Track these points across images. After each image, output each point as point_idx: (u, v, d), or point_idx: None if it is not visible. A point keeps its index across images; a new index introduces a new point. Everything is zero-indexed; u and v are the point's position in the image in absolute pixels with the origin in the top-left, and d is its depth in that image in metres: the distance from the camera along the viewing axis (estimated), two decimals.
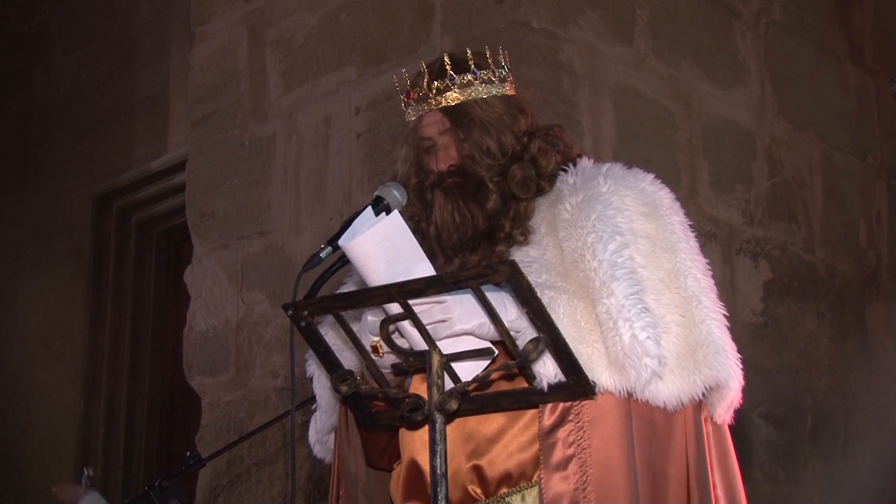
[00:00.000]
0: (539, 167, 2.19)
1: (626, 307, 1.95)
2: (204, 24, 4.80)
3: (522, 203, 2.16)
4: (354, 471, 2.21)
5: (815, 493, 4.43)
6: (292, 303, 1.93)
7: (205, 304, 4.56)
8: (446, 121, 2.20)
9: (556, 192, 2.17)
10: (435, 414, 1.83)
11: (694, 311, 2.02)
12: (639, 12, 4.17)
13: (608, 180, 2.13)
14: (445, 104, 2.20)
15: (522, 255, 2.11)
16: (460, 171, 2.17)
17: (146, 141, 5.86)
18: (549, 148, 2.22)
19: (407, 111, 2.26)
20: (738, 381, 2.04)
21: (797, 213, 4.63)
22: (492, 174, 2.17)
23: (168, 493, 2.99)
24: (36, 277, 6.20)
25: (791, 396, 4.43)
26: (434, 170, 2.20)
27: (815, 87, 4.81)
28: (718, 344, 2.02)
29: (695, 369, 1.98)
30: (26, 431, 6.04)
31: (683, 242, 2.10)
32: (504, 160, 2.18)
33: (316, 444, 2.33)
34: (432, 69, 2.23)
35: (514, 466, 2.04)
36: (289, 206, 4.38)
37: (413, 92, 2.24)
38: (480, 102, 2.20)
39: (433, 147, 2.22)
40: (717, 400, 2.05)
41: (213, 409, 4.45)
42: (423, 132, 2.23)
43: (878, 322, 4.85)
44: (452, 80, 2.20)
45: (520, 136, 2.21)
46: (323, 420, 2.30)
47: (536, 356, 1.84)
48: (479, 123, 2.18)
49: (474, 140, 2.18)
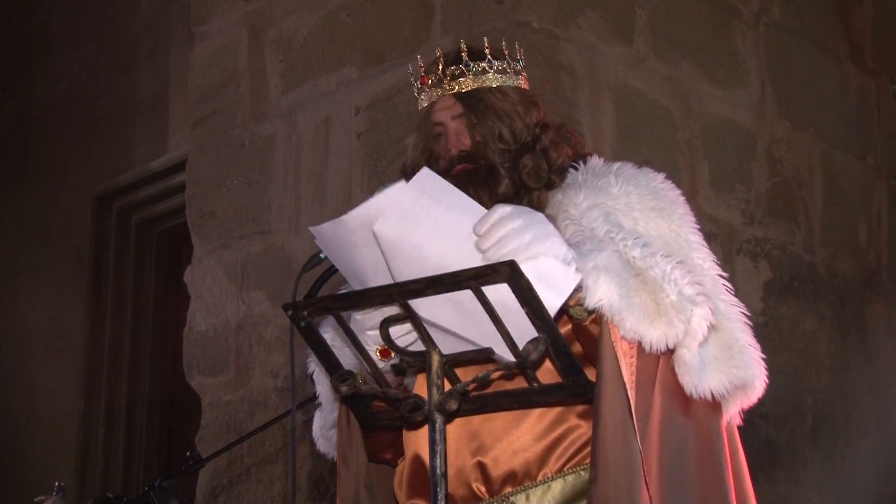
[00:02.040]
0: (550, 159, 2.17)
1: (671, 271, 1.93)
2: (204, 24, 4.80)
3: (535, 193, 2.15)
4: (355, 466, 2.21)
5: (815, 493, 4.42)
6: (292, 303, 1.92)
7: (205, 304, 4.56)
8: (459, 106, 2.19)
9: (564, 188, 2.16)
10: (435, 414, 1.83)
11: (716, 312, 2.00)
12: (639, 12, 4.17)
13: (619, 179, 2.12)
14: (459, 90, 2.19)
15: None
16: (471, 157, 2.16)
17: (146, 141, 5.86)
18: (561, 141, 2.21)
19: (420, 98, 2.25)
20: (762, 381, 2.03)
21: (797, 213, 4.63)
22: (503, 160, 2.15)
23: (168, 493, 2.99)
24: (36, 277, 6.20)
25: (791, 396, 4.43)
26: (445, 156, 2.18)
27: (815, 87, 4.81)
28: (742, 344, 2.01)
29: (724, 368, 1.97)
30: (26, 431, 6.04)
31: (696, 242, 2.09)
32: (516, 148, 2.17)
33: (319, 439, 2.32)
34: (448, 56, 2.22)
35: (519, 465, 2.04)
36: (289, 206, 4.38)
37: (427, 77, 2.23)
38: (494, 90, 2.19)
39: (444, 133, 2.21)
40: (737, 399, 2.03)
41: (213, 409, 4.45)
42: (435, 117, 2.21)
43: (878, 322, 4.85)
44: (468, 67, 2.19)
45: (532, 126, 2.19)
46: (325, 416, 2.29)
47: (536, 356, 1.84)
48: (492, 110, 2.17)
49: (487, 126, 2.17)
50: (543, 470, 2.04)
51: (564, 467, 2.04)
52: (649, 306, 1.91)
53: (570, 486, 2.03)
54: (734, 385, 1.99)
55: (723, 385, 1.97)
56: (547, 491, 2.03)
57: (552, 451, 2.04)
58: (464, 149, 2.17)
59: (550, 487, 2.03)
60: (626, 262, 1.96)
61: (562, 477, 2.04)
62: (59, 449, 5.85)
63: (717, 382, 1.97)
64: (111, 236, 6.03)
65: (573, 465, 2.04)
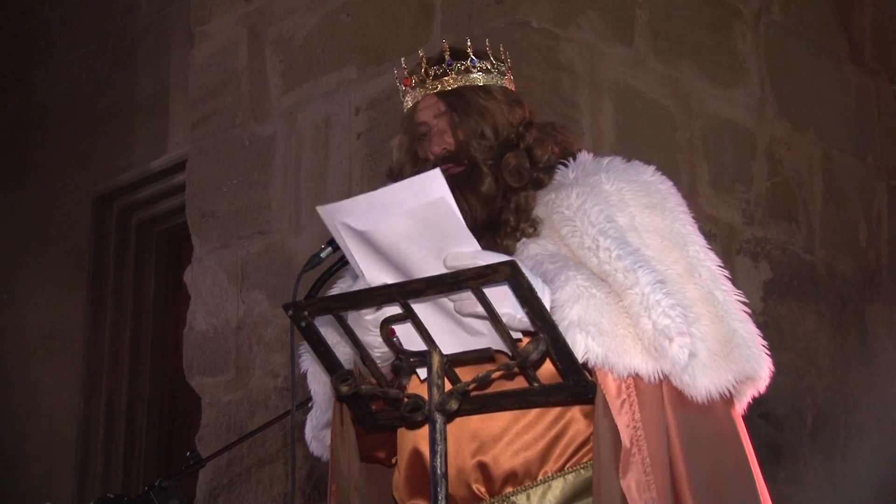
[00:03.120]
0: (535, 157, 2.17)
1: (648, 294, 1.93)
2: (204, 24, 4.80)
3: (522, 194, 2.14)
4: (346, 468, 2.20)
5: (815, 493, 4.43)
6: (292, 303, 1.92)
7: (205, 304, 4.56)
8: (442, 104, 2.18)
9: (556, 186, 2.15)
10: (435, 414, 1.83)
11: (714, 304, 2.01)
12: (639, 12, 4.17)
13: (610, 175, 2.12)
14: (442, 88, 2.19)
15: (540, 249, 2.08)
16: (454, 156, 2.15)
17: (146, 141, 5.86)
18: (546, 139, 2.20)
19: (405, 99, 2.25)
20: (767, 368, 2.03)
21: (797, 213, 4.63)
22: (486, 157, 2.14)
23: (168, 493, 2.99)
24: (36, 277, 6.20)
25: (791, 396, 4.43)
26: (429, 156, 2.17)
27: (815, 87, 4.81)
28: (742, 335, 2.00)
29: (725, 364, 1.97)
30: (26, 431, 6.04)
31: (692, 234, 2.09)
32: (499, 146, 2.16)
33: (312, 440, 2.31)
34: (430, 57, 2.22)
35: (520, 465, 2.04)
36: (289, 206, 4.38)
37: (411, 78, 2.22)
38: (478, 89, 2.18)
39: (428, 133, 2.20)
40: (746, 390, 2.04)
41: (213, 409, 4.45)
42: (418, 117, 2.21)
43: (878, 322, 4.85)
44: (450, 65, 2.19)
45: (516, 124, 2.19)
46: (318, 416, 2.28)
47: (536, 356, 1.84)
48: (475, 108, 2.16)
49: (470, 125, 2.16)
50: (544, 469, 2.03)
51: (565, 466, 2.04)
52: (631, 344, 1.93)
53: (571, 485, 2.03)
54: (737, 380, 1.99)
55: (727, 382, 1.97)
56: (548, 490, 2.03)
57: (552, 449, 2.04)
58: (447, 147, 2.17)
59: (551, 487, 2.03)
60: (600, 285, 1.97)
61: (562, 476, 2.03)
62: (59, 449, 5.84)
63: (719, 381, 1.97)
64: (111, 236, 6.03)
65: (573, 463, 2.04)
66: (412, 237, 1.85)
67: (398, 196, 1.84)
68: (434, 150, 2.17)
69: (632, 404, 1.94)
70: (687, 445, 1.95)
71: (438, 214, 1.83)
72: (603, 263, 2.00)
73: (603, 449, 1.94)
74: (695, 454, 1.96)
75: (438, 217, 1.83)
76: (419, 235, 1.85)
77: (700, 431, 1.98)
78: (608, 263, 1.99)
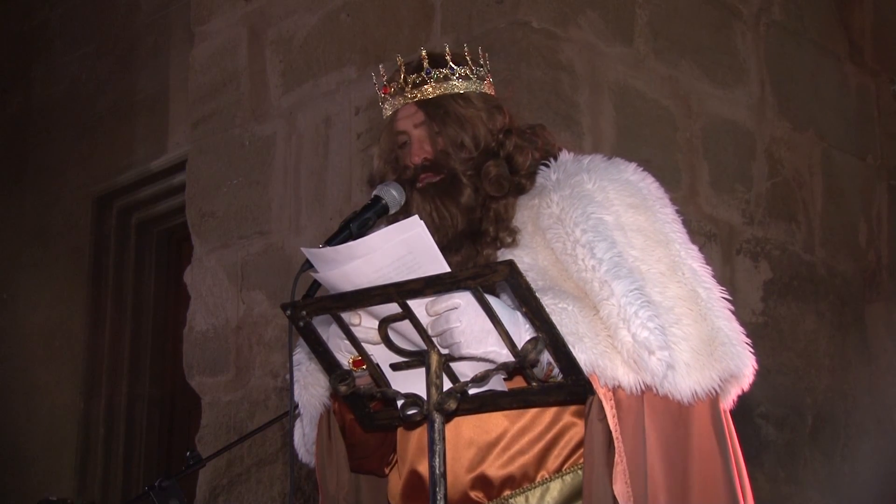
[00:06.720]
0: (515, 164, 2.16)
1: (624, 306, 1.93)
2: (204, 24, 4.80)
3: (501, 202, 2.13)
4: (335, 482, 2.18)
5: (815, 493, 4.42)
6: (291, 303, 1.92)
7: (205, 304, 4.56)
8: (421, 114, 2.17)
9: (539, 190, 2.14)
10: (434, 414, 1.83)
11: (697, 302, 2.00)
12: (639, 12, 4.17)
13: (592, 175, 2.10)
14: (421, 97, 2.18)
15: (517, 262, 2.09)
16: (434, 166, 2.14)
17: (146, 141, 5.86)
18: (526, 145, 2.19)
19: (384, 106, 2.24)
20: (751, 367, 2.01)
21: (797, 213, 4.63)
22: (465, 168, 2.13)
23: (168, 493, 2.99)
24: (36, 277, 6.20)
25: (791, 396, 4.43)
26: (409, 165, 2.17)
27: (815, 87, 4.81)
28: (726, 333, 1.99)
29: (708, 363, 1.96)
30: (26, 431, 6.04)
31: (675, 233, 2.08)
32: (479, 155, 2.15)
33: (301, 449, 2.29)
34: (409, 65, 2.20)
35: (517, 469, 2.04)
36: (289, 206, 4.38)
37: (389, 86, 2.21)
38: (457, 97, 2.17)
39: (408, 142, 2.19)
40: (730, 389, 2.03)
41: (213, 409, 4.45)
42: (398, 126, 2.20)
43: (878, 322, 4.85)
44: (429, 74, 2.17)
45: (496, 132, 2.17)
46: (307, 431, 2.25)
47: (535, 356, 1.84)
48: (454, 117, 2.15)
49: (449, 134, 2.15)
50: (541, 471, 2.04)
51: (562, 467, 2.04)
52: (611, 355, 1.93)
53: (569, 486, 2.03)
54: (722, 378, 1.98)
55: (712, 381, 1.96)
56: (546, 492, 2.03)
57: (549, 451, 2.04)
58: (427, 157, 2.16)
59: (549, 488, 2.03)
60: (570, 300, 1.96)
61: (560, 477, 2.04)
62: (59, 449, 5.85)
63: (704, 381, 1.95)
64: (111, 236, 6.03)
65: (571, 464, 2.04)
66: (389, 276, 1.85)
67: (377, 244, 1.84)
68: (414, 160, 2.16)
69: (612, 417, 1.93)
70: (665, 455, 1.95)
71: (416, 249, 1.83)
72: (581, 271, 2.00)
73: (596, 452, 1.94)
74: (673, 464, 1.95)
75: (416, 252, 1.83)
76: (395, 273, 1.85)
77: (680, 441, 1.97)
78: (585, 272, 1.99)
